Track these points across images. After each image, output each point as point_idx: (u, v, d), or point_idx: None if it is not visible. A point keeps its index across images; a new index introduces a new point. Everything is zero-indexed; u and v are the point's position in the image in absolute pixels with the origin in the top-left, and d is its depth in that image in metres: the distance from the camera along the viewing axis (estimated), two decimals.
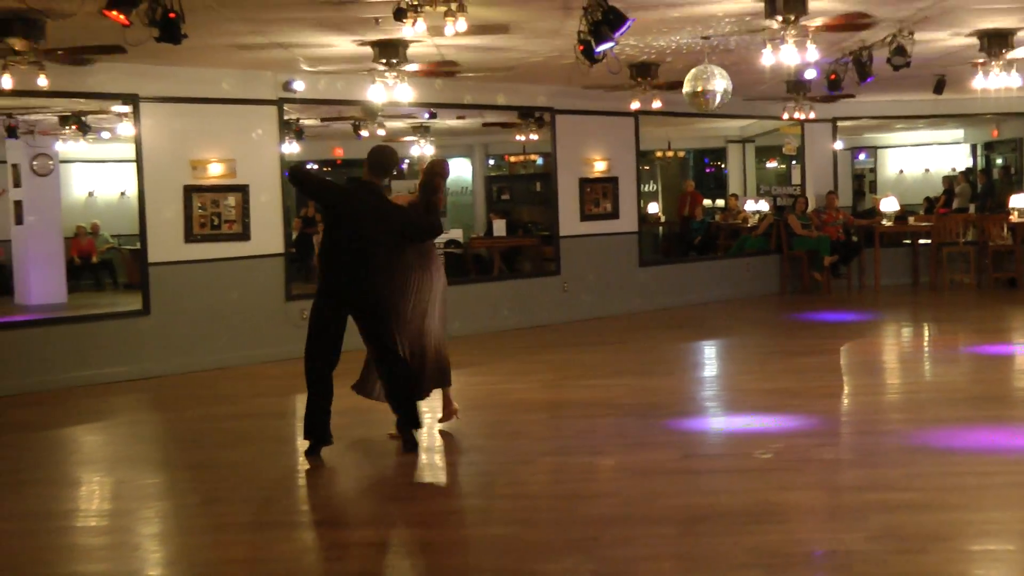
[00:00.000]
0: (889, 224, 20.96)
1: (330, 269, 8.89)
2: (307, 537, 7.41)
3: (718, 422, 10.43)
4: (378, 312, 8.93)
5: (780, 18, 10.33)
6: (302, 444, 8.98)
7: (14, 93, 11.44)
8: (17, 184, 19.25)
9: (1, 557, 7.08)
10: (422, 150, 23.17)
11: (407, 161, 26.96)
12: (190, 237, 13.75)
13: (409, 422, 9.08)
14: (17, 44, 10.21)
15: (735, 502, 7.43)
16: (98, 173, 24.43)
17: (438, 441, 10.13)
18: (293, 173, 9.86)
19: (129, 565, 7.03)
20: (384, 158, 9.19)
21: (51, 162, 19.28)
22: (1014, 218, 20.16)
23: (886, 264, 20.74)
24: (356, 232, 8.76)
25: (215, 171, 13.92)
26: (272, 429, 10.84)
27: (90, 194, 24.62)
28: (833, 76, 13.79)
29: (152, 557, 7.21)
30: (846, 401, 11.53)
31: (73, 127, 18.19)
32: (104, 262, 23.04)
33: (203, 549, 7.09)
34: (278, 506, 8.01)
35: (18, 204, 19.24)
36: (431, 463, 9.32)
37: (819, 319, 17.16)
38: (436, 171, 9.70)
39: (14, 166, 19.18)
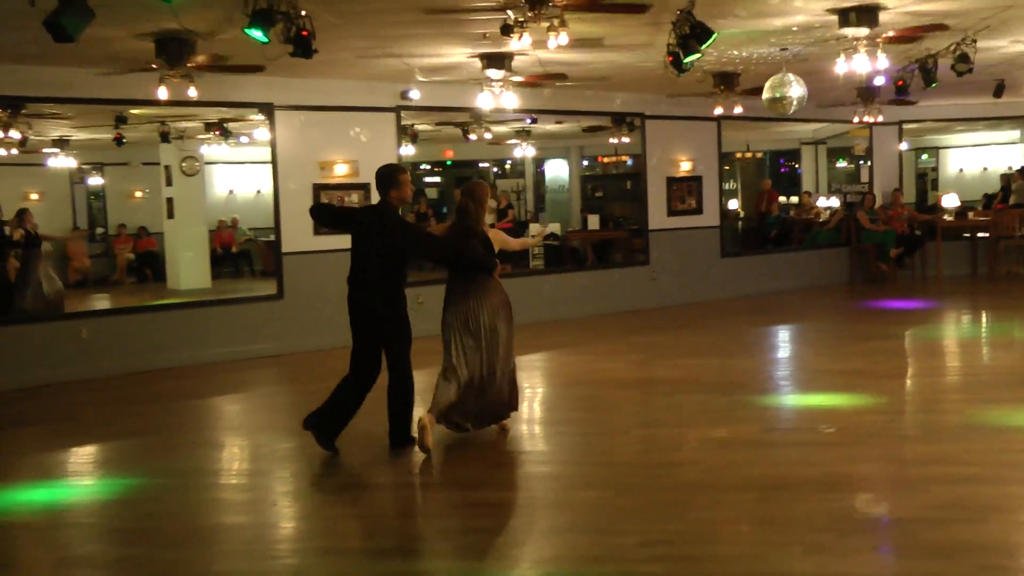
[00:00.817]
0: (950, 219, 20.65)
1: (351, 286, 8.36)
2: (421, 497, 7.47)
3: (793, 399, 10.33)
4: (384, 325, 8.27)
5: (853, 29, 10.21)
6: (418, 413, 9.02)
7: (168, 103, 11.64)
8: (168, 183, 19.61)
9: (161, 508, 7.25)
10: (524, 152, 23.18)
11: (508, 162, 27.07)
12: (318, 230, 13.86)
13: (399, 439, 8.33)
14: (171, 61, 10.39)
15: (809, 472, 7.35)
16: (237, 173, 24.74)
17: (539, 414, 10.16)
18: (313, 211, 9.30)
19: (266, 518, 7.14)
20: (382, 176, 8.52)
21: (197, 164, 19.62)
22: None
23: (947, 256, 20.42)
24: (366, 248, 8.29)
25: (340, 171, 14.05)
26: None
27: (230, 192, 24.95)
28: (900, 82, 13.59)
29: (286, 512, 7.30)
30: (910, 382, 11.35)
31: (216, 133, 18.50)
32: (242, 252, 23.38)
33: (331, 506, 7.18)
34: (396, 468, 8.06)
35: (169, 201, 19.62)
36: (531, 433, 9.33)
37: (885, 306, 16.91)
38: (467, 195, 8.81)
39: (166, 167, 19.55)
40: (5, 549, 6.71)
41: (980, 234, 20.74)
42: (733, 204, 24.38)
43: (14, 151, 18.15)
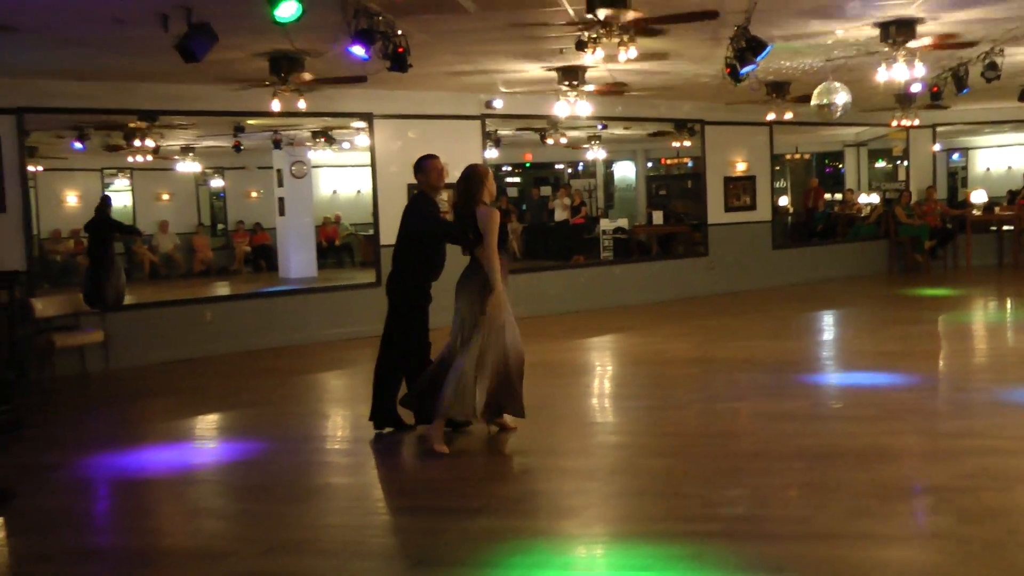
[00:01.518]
0: (978, 213, 20.45)
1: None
2: (503, 462, 7.48)
3: (837, 377, 10.25)
4: (396, 305, 8.06)
5: (892, 41, 10.10)
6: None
7: (280, 114, 11.80)
8: (280, 184, 19.88)
9: (276, 469, 7.36)
10: (595, 154, 23.12)
11: (582, 164, 27.03)
12: None
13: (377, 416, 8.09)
14: (283, 77, 10.53)
15: (853, 443, 7.30)
16: (340, 175, 25.03)
17: (609, 389, 10.17)
18: None
19: (367, 479, 7.29)
20: (415, 166, 8.51)
21: (305, 167, 19.87)
22: None
23: (976, 247, 20.15)
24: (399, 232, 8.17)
25: None
26: None
27: (334, 192, 25.23)
28: (935, 89, 13.40)
29: (384, 474, 7.41)
30: (943, 362, 11.18)
31: (322, 139, 18.72)
32: (345, 245, 23.64)
33: (423, 470, 7.25)
34: (480, 437, 7.99)
35: (281, 200, 19.91)
36: (602, 406, 9.35)
37: (920, 294, 16.66)
38: (462, 178, 8.13)
39: (278, 171, 19.83)
40: (144, 502, 6.89)
41: (1005, 227, 20.53)
42: (783, 201, 24.16)
43: (149, 157, 18.54)
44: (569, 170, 27.71)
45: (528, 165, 26.88)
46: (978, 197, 20.69)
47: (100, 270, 12.41)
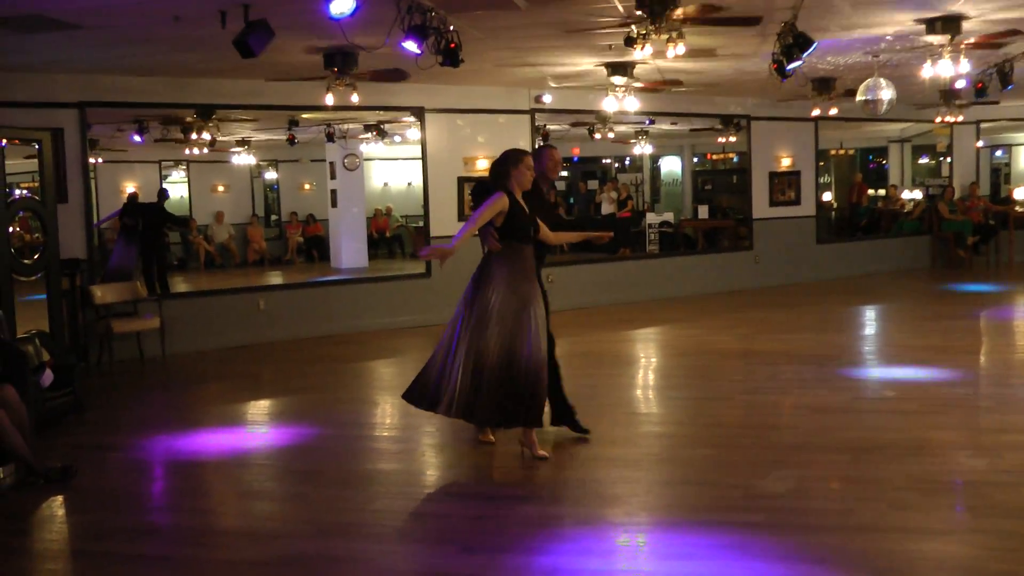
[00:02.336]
0: (1021, 210, 20.22)
1: None
2: (550, 451, 7.41)
3: (879, 371, 10.16)
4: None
5: (938, 37, 9.99)
6: None
7: (333, 108, 11.87)
8: (332, 177, 20.03)
9: (326, 453, 7.49)
10: (642, 149, 23.04)
11: (628, 159, 26.94)
12: (462, 217, 14.03)
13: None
14: (338, 71, 10.60)
15: (895, 437, 7.25)
16: (391, 168, 25.13)
17: (653, 380, 10.16)
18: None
19: (416, 466, 7.31)
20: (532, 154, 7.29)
21: (357, 160, 19.99)
22: None
23: (1019, 244, 19.83)
24: None
25: (482, 165, 14.15)
26: None
27: (385, 184, 25.34)
28: (980, 85, 13.22)
29: (433, 461, 7.45)
30: (984, 357, 11.07)
31: (374, 133, 18.81)
32: (395, 236, 23.75)
33: (471, 457, 7.28)
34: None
35: (333, 192, 20.05)
36: (646, 397, 9.35)
37: (963, 289, 16.46)
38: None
39: (331, 163, 19.97)
40: (199, 483, 6.99)
41: None
42: (827, 196, 23.96)
43: (205, 150, 18.73)
44: (616, 164, 27.63)
45: (576, 159, 26.83)
46: (1021, 193, 20.43)
47: (152, 256, 12.62)
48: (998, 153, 26.83)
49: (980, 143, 20.96)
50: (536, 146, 8.04)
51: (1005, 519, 5.48)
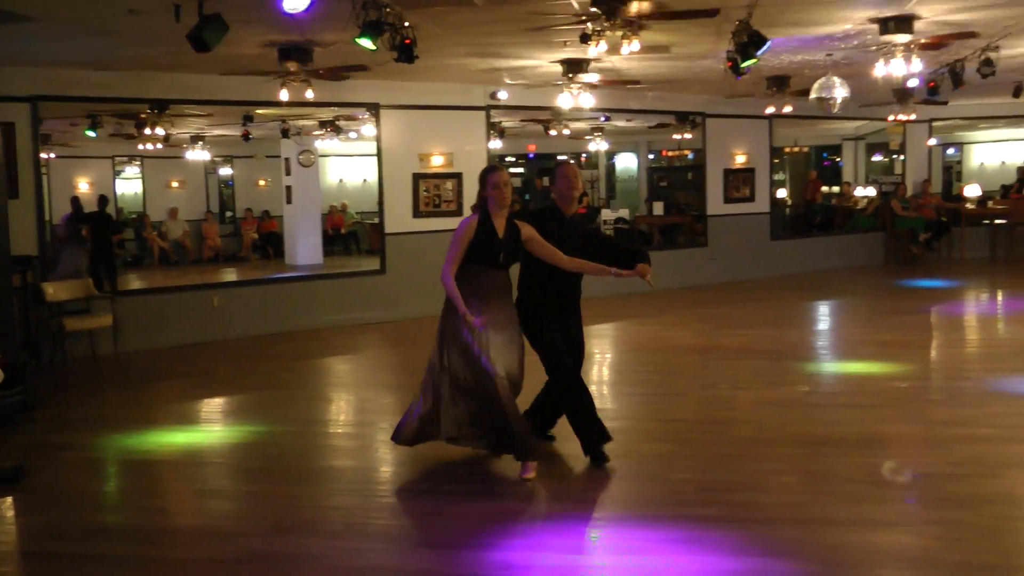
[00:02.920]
0: (972, 207, 20.51)
1: None
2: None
3: (834, 366, 10.27)
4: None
5: (891, 36, 10.09)
6: None
7: (288, 104, 11.79)
8: (288, 173, 19.89)
9: (281, 451, 7.41)
10: (598, 146, 23.09)
11: (585, 155, 27.01)
12: (417, 213, 14.02)
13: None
14: (292, 67, 10.53)
15: (848, 431, 7.33)
16: (347, 164, 25.03)
17: (608, 376, 10.18)
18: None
19: (371, 462, 7.27)
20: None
21: (312, 156, 19.85)
22: None
23: (970, 240, 20.18)
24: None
25: (437, 162, 14.14)
26: None
27: (340, 181, 25.23)
28: (932, 84, 13.38)
29: (388, 457, 7.39)
30: (936, 352, 11.22)
31: (329, 129, 18.71)
32: (351, 233, 23.63)
33: (427, 453, 7.21)
34: None
35: (288, 188, 19.91)
36: (601, 393, 9.36)
37: (915, 285, 16.65)
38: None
39: (286, 159, 19.83)
40: (153, 481, 6.91)
41: (998, 221, 20.59)
42: (782, 193, 24.18)
43: (159, 145, 18.57)
44: (572, 161, 27.67)
45: (532, 156, 26.86)
46: (972, 191, 20.75)
47: (99, 262, 12.59)
48: (950, 151, 27.21)
49: (932, 141, 21.21)
50: (489, 166, 7.42)
51: (955, 510, 5.56)
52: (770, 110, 15.42)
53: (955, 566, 4.80)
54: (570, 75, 12.06)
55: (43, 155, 12.03)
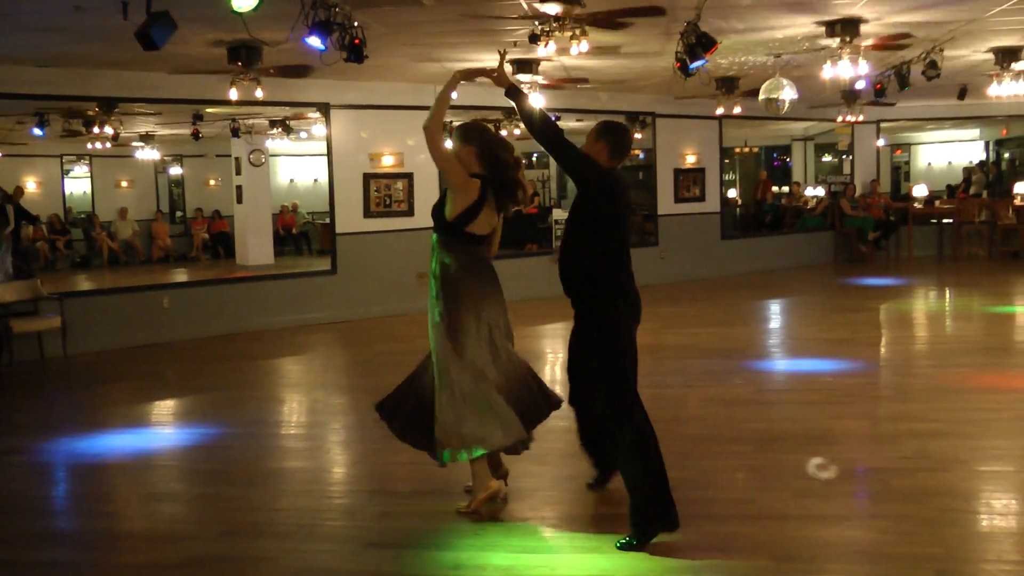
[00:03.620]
0: (920, 206, 20.76)
1: (621, 274, 5.59)
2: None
3: (784, 363, 10.33)
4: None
5: (838, 39, 10.18)
6: None
7: (238, 103, 11.68)
8: (238, 172, 19.68)
9: (232, 453, 7.34)
10: None
11: (535, 155, 27.00)
12: (368, 213, 13.95)
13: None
14: (241, 66, 10.41)
15: (798, 427, 7.37)
16: (297, 164, 24.88)
17: (559, 375, 10.16)
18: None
19: (322, 463, 7.21)
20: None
21: (263, 156, 19.65)
22: (1018, 202, 19.91)
23: (917, 239, 20.43)
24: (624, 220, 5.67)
25: (388, 162, 14.07)
26: None
27: (291, 180, 25.08)
28: (879, 86, 13.53)
29: (339, 458, 7.38)
30: (885, 349, 11.32)
31: (279, 128, 18.55)
32: (302, 233, 23.47)
33: (378, 453, 7.19)
34: None
35: (239, 188, 19.69)
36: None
37: (864, 283, 16.83)
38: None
39: (236, 159, 19.62)
40: (102, 486, 6.80)
41: (945, 220, 20.87)
42: (732, 193, 24.33)
43: (108, 144, 18.31)
44: (524, 161, 27.65)
45: None
46: (919, 191, 21.03)
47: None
48: (898, 152, 27.58)
49: (880, 142, 21.49)
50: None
51: (902, 503, 5.61)
52: (720, 111, 15.51)
53: (902, 558, 4.84)
54: (520, 75, 12.04)
55: None
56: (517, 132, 19.63)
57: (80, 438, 7.86)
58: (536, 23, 8.98)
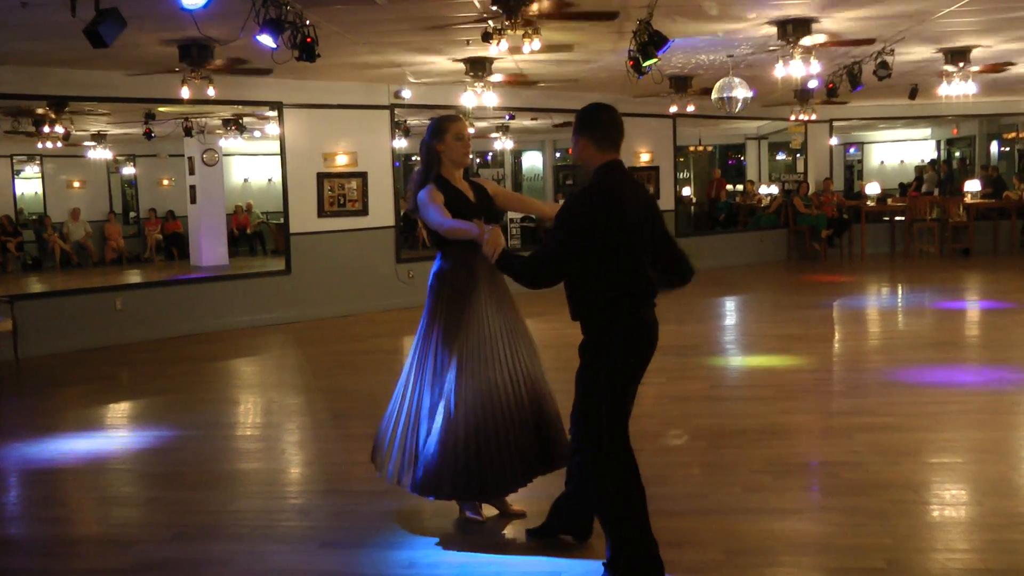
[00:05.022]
0: (872, 204, 20.90)
1: (634, 302, 5.12)
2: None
3: (738, 360, 10.40)
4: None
5: (789, 39, 10.26)
6: None
7: (190, 101, 11.58)
8: (191, 172, 19.52)
9: (186, 455, 7.27)
10: (503, 144, 23.10)
11: (491, 154, 27.02)
12: (322, 213, 13.88)
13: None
14: (192, 64, 10.33)
15: (751, 423, 7.43)
16: (251, 164, 24.70)
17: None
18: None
19: (277, 464, 7.17)
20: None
21: (216, 155, 19.51)
22: (968, 200, 20.17)
23: (870, 236, 20.63)
24: (643, 245, 4.99)
25: (341, 161, 14.01)
26: (386, 361, 10.93)
27: (245, 180, 24.88)
28: (831, 85, 13.65)
29: (294, 459, 7.34)
30: (837, 344, 11.45)
31: (233, 128, 18.43)
32: (256, 233, 23.31)
33: (333, 453, 7.19)
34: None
35: (192, 188, 19.54)
36: None
37: (817, 280, 17.01)
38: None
39: (189, 158, 19.46)
40: (53, 491, 6.70)
41: (897, 218, 21.07)
42: (686, 191, 24.46)
43: (59, 144, 18.07)
44: (477, 160, 27.69)
45: None
46: (872, 189, 21.26)
47: None
48: (851, 150, 27.88)
49: (833, 141, 21.70)
50: (446, 115, 5.68)
51: (854, 496, 5.67)
52: (673, 109, 15.59)
53: (852, 549, 4.89)
54: (473, 74, 12.03)
55: None
56: (471, 131, 19.62)
57: (31, 443, 7.75)
58: (489, 22, 8.98)
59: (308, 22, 8.50)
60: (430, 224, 5.14)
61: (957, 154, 26.57)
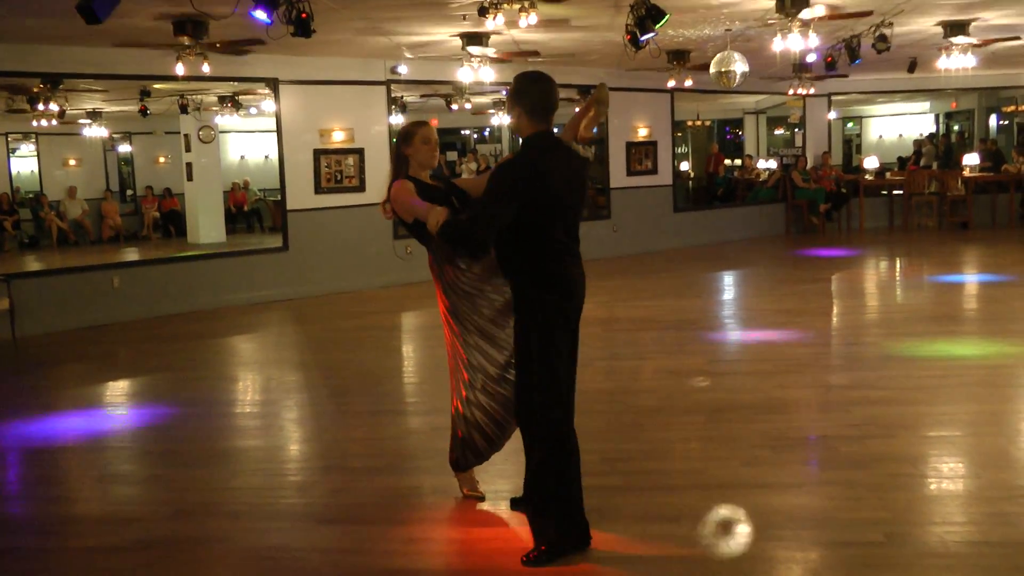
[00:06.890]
0: (871, 178, 20.88)
1: (561, 261, 4.81)
2: (411, 422, 7.48)
3: (737, 334, 10.39)
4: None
5: (787, 13, 10.21)
6: (411, 350, 8.89)
7: (185, 78, 11.52)
8: (188, 149, 19.46)
9: (185, 433, 7.25)
10: (500, 120, 23.02)
11: (488, 129, 26.94)
12: (319, 189, 13.84)
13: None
14: (187, 40, 10.29)
15: (750, 397, 7.43)
16: (248, 141, 24.62)
17: None
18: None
19: (275, 441, 7.16)
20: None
21: (213, 132, 19.45)
22: (966, 173, 20.14)
23: (868, 210, 20.61)
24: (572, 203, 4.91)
25: (338, 138, 13.96)
26: (384, 338, 10.94)
27: (242, 157, 24.81)
28: (829, 59, 13.58)
29: (293, 435, 7.33)
30: (835, 319, 11.44)
31: (229, 104, 18.36)
32: (253, 210, 23.26)
33: (331, 430, 7.19)
34: (388, 398, 8.12)
35: (189, 165, 19.48)
36: None
37: (816, 254, 16.98)
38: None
39: (185, 136, 19.39)
40: (52, 469, 6.71)
41: (896, 192, 21.03)
42: (684, 166, 24.43)
43: (54, 122, 18.01)
44: (475, 136, 27.63)
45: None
46: (870, 163, 21.23)
47: None
48: (849, 124, 27.83)
49: (832, 115, 21.66)
50: (415, 121, 5.79)
51: (851, 470, 5.67)
52: (671, 84, 15.53)
53: (850, 523, 4.90)
54: (470, 48, 11.98)
55: None
56: (469, 107, 19.58)
57: (30, 421, 7.76)
58: None
59: None
60: (406, 212, 5.12)
61: (956, 128, 26.55)
